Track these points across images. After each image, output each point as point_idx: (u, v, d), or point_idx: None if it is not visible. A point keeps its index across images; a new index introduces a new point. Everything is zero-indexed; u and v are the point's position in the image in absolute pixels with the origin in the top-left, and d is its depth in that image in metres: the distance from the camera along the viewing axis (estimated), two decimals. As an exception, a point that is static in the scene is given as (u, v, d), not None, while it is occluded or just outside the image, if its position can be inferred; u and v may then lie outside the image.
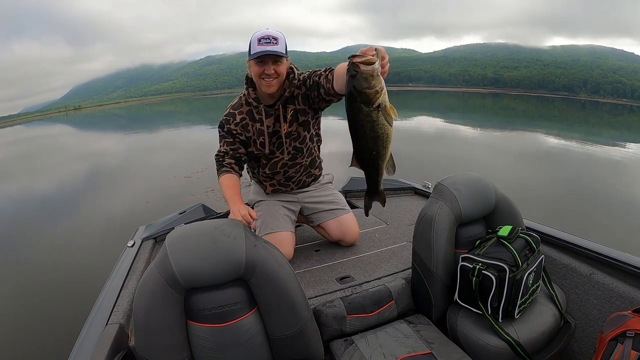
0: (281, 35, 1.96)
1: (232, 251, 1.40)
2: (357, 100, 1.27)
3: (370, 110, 1.27)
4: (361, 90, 1.25)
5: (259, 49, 1.91)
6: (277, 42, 1.93)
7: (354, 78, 1.25)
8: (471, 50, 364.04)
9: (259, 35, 1.93)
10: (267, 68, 1.97)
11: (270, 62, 1.96)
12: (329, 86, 1.93)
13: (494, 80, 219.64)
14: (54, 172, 13.19)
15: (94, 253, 5.23)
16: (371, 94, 1.25)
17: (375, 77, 1.24)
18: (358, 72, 1.23)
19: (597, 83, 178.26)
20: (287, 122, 2.20)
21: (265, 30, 1.95)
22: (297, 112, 2.19)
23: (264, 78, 2.00)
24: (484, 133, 19.31)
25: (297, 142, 2.29)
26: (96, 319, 1.74)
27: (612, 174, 9.81)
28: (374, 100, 1.26)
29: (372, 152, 1.37)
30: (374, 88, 1.24)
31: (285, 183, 2.48)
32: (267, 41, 1.91)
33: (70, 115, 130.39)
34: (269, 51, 1.91)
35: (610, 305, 1.81)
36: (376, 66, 1.23)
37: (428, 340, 1.73)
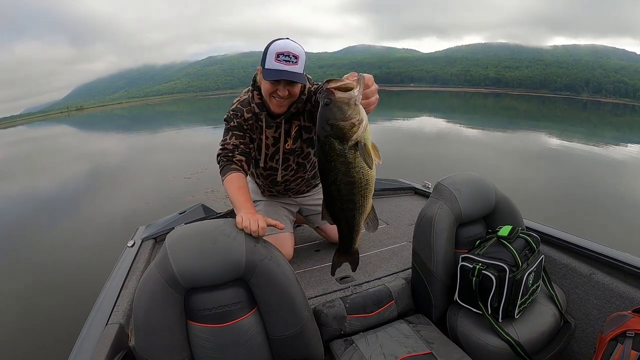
0: (302, 52, 1.74)
1: (232, 251, 1.40)
2: (329, 135, 1.08)
3: (344, 148, 1.08)
4: (334, 123, 1.06)
5: (276, 66, 1.70)
6: (297, 61, 1.72)
7: (327, 107, 1.06)
8: (473, 50, 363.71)
9: (278, 48, 1.70)
10: (281, 90, 1.78)
11: (285, 84, 1.78)
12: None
13: (496, 80, 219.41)
14: (54, 173, 13.22)
15: (93, 253, 5.23)
16: (345, 127, 1.06)
17: (352, 107, 1.05)
18: (332, 100, 1.05)
19: (598, 83, 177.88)
20: (292, 138, 2.05)
21: (286, 43, 1.72)
22: (302, 128, 2.04)
23: (275, 97, 1.82)
24: (485, 133, 19.29)
25: (300, 158, 2.17)
26: (96, 319, 1.74)
27: (613, 174, 9.79)
28: (349, 135, 1.06)
29: (347, 201, 1.18)
30: (350, 119, 1.05)
31: (283, 192, 2.44)
32: (287, 59, 1.70)
33: (72, 115, 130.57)
34: (287, 74, 1.71)
35: (610, 305, 1.81)
36: (354, 93, 1.05)
37: (428, 340, 1.73)
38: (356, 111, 1.05)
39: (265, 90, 1.83)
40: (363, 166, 1.10)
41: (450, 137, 17.14)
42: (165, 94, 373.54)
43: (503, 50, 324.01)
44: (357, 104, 1.05)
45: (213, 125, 23.67)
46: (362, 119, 1.06)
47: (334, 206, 1.21)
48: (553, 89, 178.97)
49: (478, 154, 12.04)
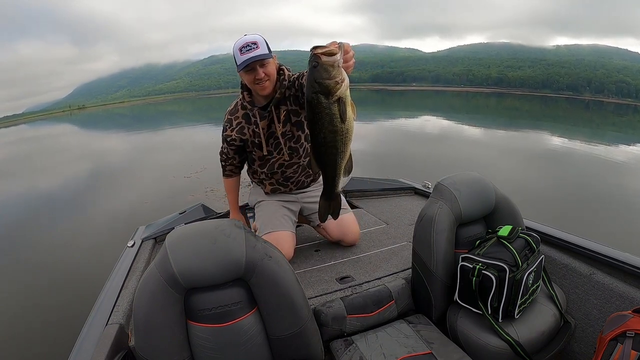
0: (260, 38, 2.03)
1: (232, 251, 1.40)
2: (317, 92, 1.26)
3: (329, 102, 1.27)
4: (321, 81, 1.24)
5: (243, 58, 2.00)
6: (258, 46, 2.00)
7: (315, 69, 1.24)
8: (475, 50, 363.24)
9: (239, 45, 2.01)
10: (257, 73, 2.04)
11: (258, 67, 2.03)
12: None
13: (498, 80, 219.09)
14: (54, 173, 13.23)
15: (93, 253, 5.23)
16: (331, 85, 1.24)
17: (335, 68, 1.23)
18: (319, 63, 1.23)
19: (601, 83, 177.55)
20: (281, 122, 2.25)
21: (244, 38, 2.02)
22: (290, 112, 2.26)
23: (258, 83, 2.08)
24: (487, 133, 19.28)
25: (292, 142, 2.34)
26: (96, 319, 1.74)
27: (616, 175, 9.77)
28: (334, 92, 1.25)
29: (331, 147, 1.36)
30: (334, 79, 1.23)
31: (284, 183, 2.50)
32: (248, 48, 1.99)
33: (74, 114, 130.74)
34: (253, 57, 1.99)
35: (610, 305, 1.81)
36: (337, 57, 1.23)
37: (428, 340, 1.73)
38: (339, 72, 1.24)
39: (249, 82, 2.12)
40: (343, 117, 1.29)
41: (452, 137, 17.11)
42: (167, 93, 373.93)
43: (505, 50, 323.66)
44: (339, 66, 1.24)
45: (215, 125, 23.71)
46: (343, 78, 1.25)
47: (320, 152, 1.39)
48: (555, 89, 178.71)
49: (480, 154, 12.02)
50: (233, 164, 2.50)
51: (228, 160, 2.48)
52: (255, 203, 2.65)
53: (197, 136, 20.68)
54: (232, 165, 2.52)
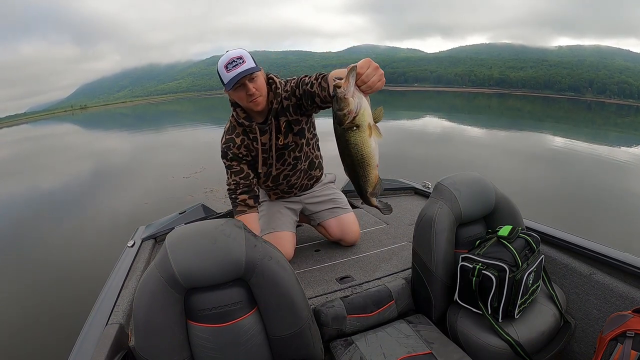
0: (244, 52, 1.92)
1: (232, 251, 1.40)
2: (334, 120, 1.31)
3: (343, 130, 1.30)
4: (334, 112, 1.28)
5: (230, 75, 1.88)
6: (244, 60, 1.89)
7: (332, 99, 1.28)
8: (477, 50, 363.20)
9: (223, 62, 1.90)
10: (248, 89, 1.92)
11: (247, 82, 1.91)
12: (324, 94, 1.84)
13: (500, 80, 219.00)
14: (54, 173, 13.25)
15: (93, 253, 5.25)
16: (339, 116, 1.27)
17: (342, 100, 1.25)
18: (334, 94, 1.26)
19: (603, 83, 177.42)
20: (282, 134, 2.15)
21: (227, 54, 1.92)
22: (291, 122, 2.15)
23: (250, 100, 1.96)
24: (489, 133, 19.26)
25: (295, 152, 2.26)
26: (96, 319, 1.75)
27: (618, 176, 9.75)
28: (343, 122, 1.27)
29: (351, 170, 1.40)
30: (342, 110, 1.26)
31: (288, 190, 2.47)
32: (234, 64, 1.88)
33: (77, 114, 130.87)
34: (241, 73, 1.87)
35: (610, 305, 1.81)
36: (342, 89, 1.24)
37: (428, 340, 1.73)
38: (346, 103, 1.25)
39: (240, 100, 2.00)
40: (357, 144, 1.31)
41: (454, 137, 17.10)
42: (169, 93, 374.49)
43: (507, 51, 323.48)
44: (345, 97, 1.25)
45: (216, 124, 23.70)
46: (351, 110, 1.26)
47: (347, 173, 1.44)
48: (557, 90, 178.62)
49: (481, 155, 12.02)
50: (246, 186, 2.18)
51: (240, 185, 2.17)
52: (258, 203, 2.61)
53: (197, 136, 20.71)
54: (246, 192, 2.18)
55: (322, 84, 1.84)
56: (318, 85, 1.86)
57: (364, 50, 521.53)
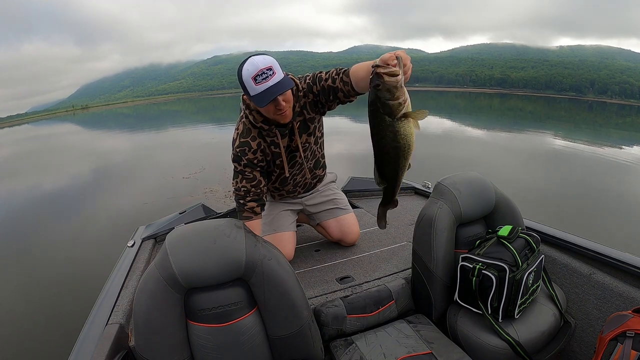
0: (271, 61, 1.70)
1: (232, 251, 1.40)
2: (380, 112, 1.26)
3: (393, 121, 1.26)
4: (385, 102, 1.24)
5: (261, 89, 1.68)
6: (274, 71, 1.69)
7: (377, 89, 1.23)
8: (478, 50, 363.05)
9: (251, 73, 1.67)
10: (278, 104, 1.76)
11: (279, 96, 1.73)
12: (348, 88, 1.80)
13: (501, 80, 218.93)
14: (54, 172, 13.28)
15: (93, 253, 5.26)
16: (394, 106, 1.23)
17: (399, 89, 1.22)
18: (381, 84, 1.22)
19: (604, 84, 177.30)
20: (297, 134, 2.04)
21: (253, 64, 1.68)
22: (306, 121, 2.04)
23: (279, 113, 1.81)
24: (490, 134, 19.24)
25: (306, 152, 2.17)
26: (96, 318, 1.75)
27: (619, 176, 9.74)
28: (397, 112, 1.24)
29: (393, 162, 1.37)
30: (398, 100, 1.22)
31: (293, 190, 2.40)
32: (264, 76, 1.67)
33: (78, 114, 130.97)
34: (274, 88, 1.68)
35: (610, 305, 1.81)
36: (399, 77, 1.22)
37: (428, 340, 1.73)
38: (402, 92, 1.23)
39: (267, 112, 1.83)
40: (407, 133, 1.29)
41: (455, 137, 17.09)
42: (170, 93, 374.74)
43: (508, 51, 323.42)
44: (402, 86, 1.23)
45: (217, 124, 23.73)
46: (406, 98, 1.25)
47: (384, 167, 1.40)
48: (558, 90, 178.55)
49: (482, 155, 12.02)
50: (256, 194, 2.05)
51: (250, 192, 2.03)
52: None
53: (197, 136, 20.71)
54: (256, 196, 2.05)
55: (344, 78, 1.80)
56: (340, 81, 1.81)
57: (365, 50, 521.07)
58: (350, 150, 10.67)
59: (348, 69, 1.80)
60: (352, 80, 1.76)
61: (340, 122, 19.18)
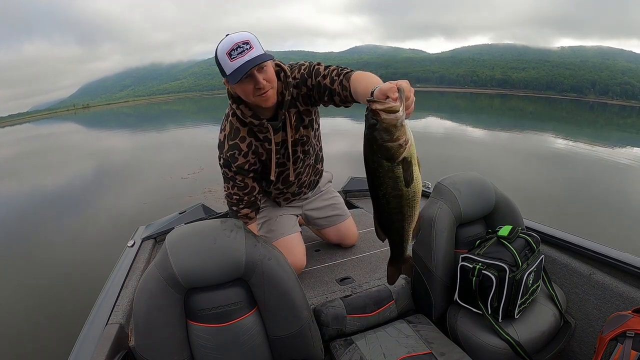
0: (250, 36, 1.53)
1: (232, 251, 1.40)
2: (377, 155, 1.06)
3: (392, 165, 1.06)
4: (382, 144, 1.04)
5: (235, 64, 1.50)
6: (251, 45, 1.51)
7: (374, 129, 1.03)
8: (479, 51, 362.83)
9: (225, 47, 1.50)
10: (257, 82, 1.55)
11: (256, 72, 1.53)
12: (346, 94, 1.58)
13: (502, 81, 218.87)
14: (54, 172, 13.27)
15: (93, 253, 5.25)
16: (394, 148, 1.03)
17: (398, 128, 1.02)
18: (378, 122, 1.02)
19: (605, 84, 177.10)
20: (293, 128, 1.85)
21: (229, 39, 1.52)
22: (302, 114, 1.85)
23: (259, 94, 1.59)
24: (491, 134, 19.22)
25: (305, 146, 1.96)
26: (96, 318, 1.75)
27: (620, 177, 9.73)
28: (397, 155, 1.04)
29: (396, 213, 1.17)
30: (398, 141, 1.03)
31: (298, 192, 2.23)
32: (240, 50, 1.49)
33: (79, 113, 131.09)
34: (249, 62, 1.49)
35: (610, 305, 1.81)
36: (400, 114, 1.01)
37: (428, 340, 1.73)
38: (402, 131, 1.02)
39: (246, 94, 1.62)
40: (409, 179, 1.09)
41: (455, 137, 17.08)
42: (171, 93, 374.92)
43: (509, 51, 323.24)
44: (403, 125, 1.02)
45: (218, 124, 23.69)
46: (408, 139, 1.04)
47: (384, 219, 1.20)
48: (559, 91, 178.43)
49: (483, 155, 12.01)
50: (250, 202, 1.93)
51: (243, 200, 1.91)
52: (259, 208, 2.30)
53: (197, 136, 20.71)
54: (250, 203, 1.93)
55: (344, 82, 1.58)
56: (339, 84, 1.60)
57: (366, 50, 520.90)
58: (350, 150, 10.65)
59: (350, 73, 1.59)
60: (351, 88, 1.54)
61: (340, 122, 19.17)
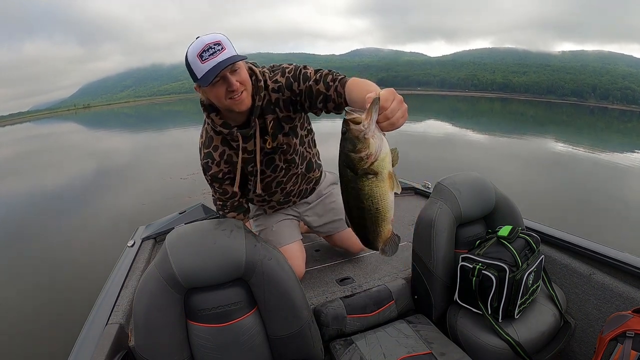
0: (221, 36, 1.47)
1: (232, 251, 1.41)
2: (343, 162, 1.06)
3: (355, 177, 1.05)
4: (345, 152, 1.03)
5: (207, 66, 1.42)
6: (223, 47, 1.44)
7: (343, 136, 1.03)
8: (480, 54, 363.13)
9: (196, 49, 1.43)
10: (229, 84, 1.47)
11: (229, 74, 1.47)
12: (341, 101, 1.50)
13: (503, 85, 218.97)
14: (54, 173, 13.26)
15: (93, 253, 5.25)
16: (355, 159, 1.02)
17: (361, 141, 0.99)
18: (347, 130, 1.01)
19: (606, 89, 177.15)
20: (270, 135, 1.74)
21: (200, 40, 1.44)
22: (280, 120, 1.74)
23: (231, 97, 1.51)
24: (491, 138, 19.22)
25: (287, 155, 1.85)
26: (96, 318, 1.75)
27: (620, 182, 9.73)
28: (357, 167, 1.03)
29: (358, 224, 1.18)
30: (359, 153, 1.00)
31: (285, 200, 2.16)
32: (211, 52, 1.42)
33: (79, 113, 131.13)
34: (221, 63, 1.42)
35: (610, 305, 1.81)
36: (363, 127, 0.98)
37: (428, 340, 1.73)
38: (365, 145, 0.99)
39: (218, 98, 1.54)
40: (373, 196, 1.07)
41: (456, 141, 17.08)
42: (172, 94, 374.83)
43: (510, 55, 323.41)
44: (366, 137, 0.99)
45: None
46: (370, 153, 1.00)
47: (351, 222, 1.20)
48: (560, 95, 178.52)
49: (483, 158, 12.02)
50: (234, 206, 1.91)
51: (227, 205, 1.89)
52: (254, 217, 2.34)
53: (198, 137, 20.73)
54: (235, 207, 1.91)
55: (339, 89, 1.49)
56: (334, 90, 1.51)
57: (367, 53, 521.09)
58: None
59: (345, 78, 1.49)
60: (347, 95, 1.45)
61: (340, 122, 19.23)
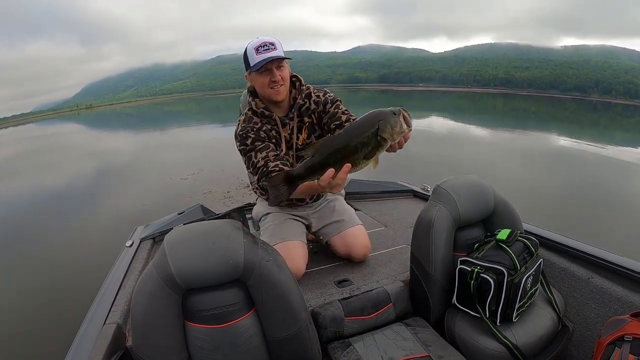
0: (276, 40, 1.89)
1: (231, 252, 1.40)
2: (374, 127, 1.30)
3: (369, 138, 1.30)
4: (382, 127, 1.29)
5: (260, 57, 1.85)
6: (276, 47, 1.86)
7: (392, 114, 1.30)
8: (482, 50, 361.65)
9: (255, 44, 1.87)
10: (273, 75, 1.89)
11: (274, 68, 1.88)
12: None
13: (505, 80, 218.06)
14: (54, 173, 13.33)
15: (91, 252, 5.25)
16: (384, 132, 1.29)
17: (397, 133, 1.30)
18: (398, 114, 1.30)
19: (609, 84, 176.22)
20: (305, 132, 2.11)
21: (260, 38, 1.88)
22: (314, 125, 2.13)
23: (273, 87, 1.92)
24: (494, 134, 19.19)
25: None
26: (94, 318, 1.75)
27: (623, 177, 9.70)
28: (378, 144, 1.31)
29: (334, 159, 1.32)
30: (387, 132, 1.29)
31: (300, 198, 2.27)
32: (266, 48, 1.85)
33: (82, 113, 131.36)
34: (271, 57, 1.84)
35: (608, 309, 1.80)
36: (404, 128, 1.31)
37: (426, 343, 1.73)
38: (394, 134, 1.30)
39: (261, 86, 1.94)
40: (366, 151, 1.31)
41: (459, 138, 17.06)
42: (174, 93, 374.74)
43: (512, 51, 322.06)
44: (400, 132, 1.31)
45: (220, 125, 23.76)
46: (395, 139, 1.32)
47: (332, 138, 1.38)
48: (563, 90, 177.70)
49: (486, 155, 12.00)
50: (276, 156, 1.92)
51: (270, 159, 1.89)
52: (262, 215, 2.40)
53: (197, 137, 20.76)
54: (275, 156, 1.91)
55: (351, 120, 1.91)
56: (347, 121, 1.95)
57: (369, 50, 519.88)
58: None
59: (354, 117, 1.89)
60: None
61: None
